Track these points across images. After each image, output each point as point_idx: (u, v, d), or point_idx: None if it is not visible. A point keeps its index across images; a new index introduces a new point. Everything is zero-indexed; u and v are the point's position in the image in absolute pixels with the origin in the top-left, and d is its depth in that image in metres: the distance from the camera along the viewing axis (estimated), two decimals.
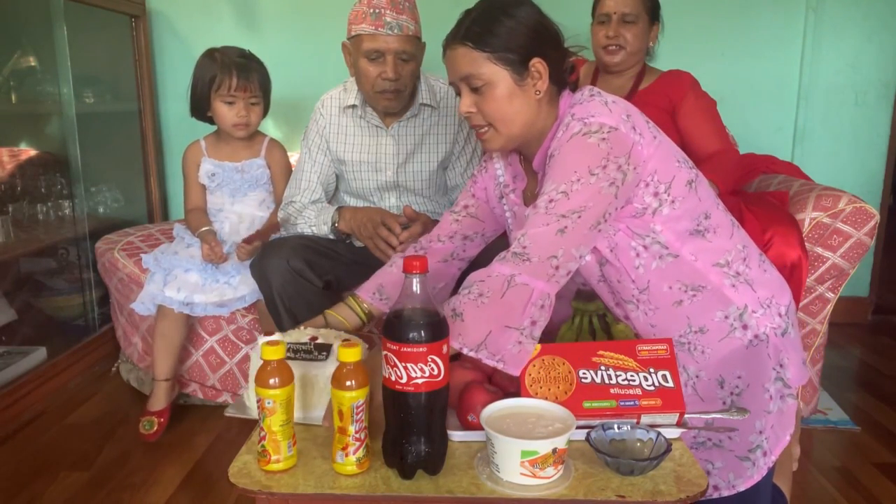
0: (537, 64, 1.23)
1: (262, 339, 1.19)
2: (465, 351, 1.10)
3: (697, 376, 1.29)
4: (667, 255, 1.25)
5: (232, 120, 2.02)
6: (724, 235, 1.29)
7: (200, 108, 2.05)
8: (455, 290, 1.57)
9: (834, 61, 2.85)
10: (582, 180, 1.16)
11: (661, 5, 2.09)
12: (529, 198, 1.39)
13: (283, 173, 2.13)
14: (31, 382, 2.23)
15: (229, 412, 1.21)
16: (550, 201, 1.17)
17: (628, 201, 1.22)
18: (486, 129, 1.28)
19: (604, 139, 1.18)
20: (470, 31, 1.24)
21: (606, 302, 1.35)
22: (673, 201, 1.24)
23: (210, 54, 2.02)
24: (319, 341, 1.24)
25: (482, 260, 1.39)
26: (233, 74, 1.98)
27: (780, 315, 1.29)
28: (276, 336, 1.25)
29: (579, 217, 1.15)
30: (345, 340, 1.23)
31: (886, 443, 2.02)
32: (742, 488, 1.28)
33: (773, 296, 1.30)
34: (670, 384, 1.11)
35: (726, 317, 1.27)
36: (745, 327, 1.27)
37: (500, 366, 1.10)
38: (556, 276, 1.15)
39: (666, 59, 2.17)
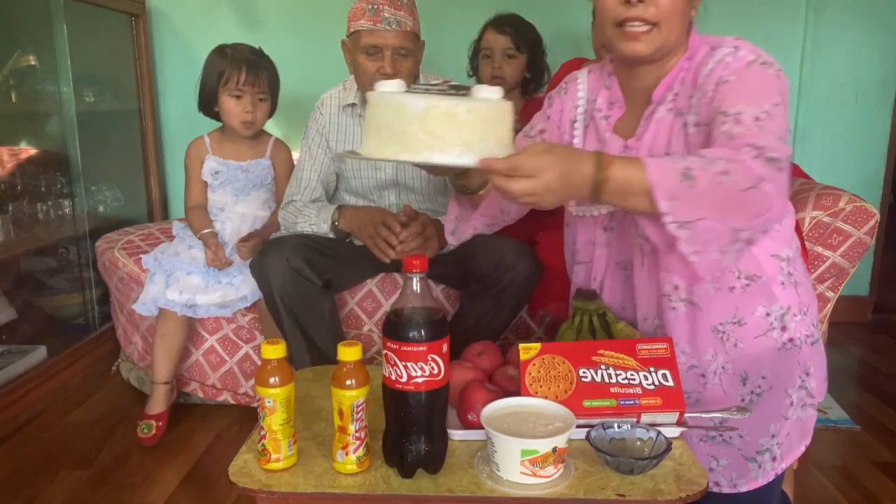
0: None
1: None
2: (666, 220, 0.98)
3: (723, 368, 1.25)
4: None
5: (238, 116, 2.02)
6: (788, 228, 1.26)
7: (208, 102, 2.05)
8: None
9: (834, 60, 2.85)
10: (778, 107, 1.10)
11: None
12: (624, 128, 1.30)
13: (287, 174, 2.13)
14: (31, 381, 2.23)
15: None
16: (757, 119, 1.07)
17: None
18: (648, 28, 1.16)
19: (778, 76, 1.14)
20: None
21: (667, 266, 1.23)
22: None
23: (221, 50, 2.03)
24: (454, 82, 1.12)
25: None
26: (241, 69, 1.98)
27: (813, 325, 1.27)
28: (395, 82, 1.08)
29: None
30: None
31: (887, 442, 2.02)
32: (744, 489, 1.26)
33: (811, 304, 1.28)
34: (670, 383, 1.11)
35: (768, 314, 1.23)
36: (783, 328, 1.24)
37: (692, 258, 1.01)
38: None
39: None
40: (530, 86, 2.24)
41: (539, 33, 2.21)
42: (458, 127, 0.99)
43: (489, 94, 1.05)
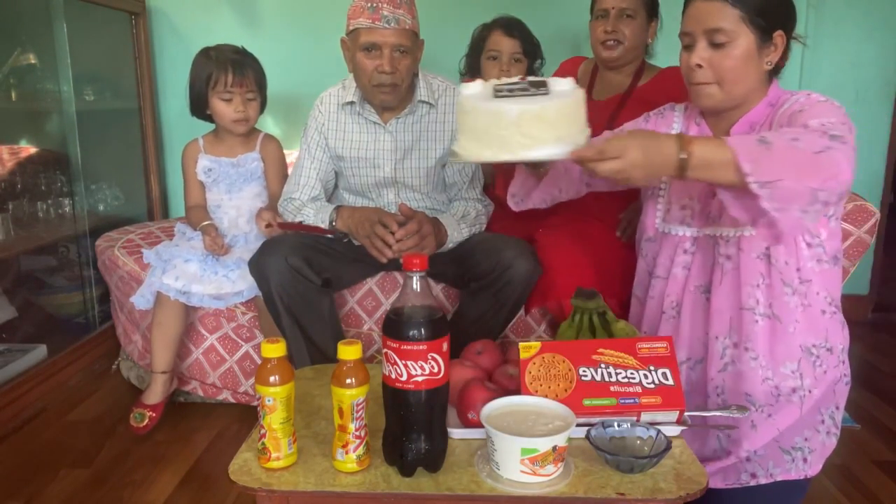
0: (778, 38, 1.30)
1: None
2: (749, 179, 1.06)
3: (810, 391, 1.32)
4: (824, 261, 1.30)
5: (231, 116, 2.04)
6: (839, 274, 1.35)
7: (199, 106, 2.07)
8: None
9: (834, 59, 2.85)
10: (844, 125, 1.17)
11: (659, 1, 2.08)
12: None
13: (276, 167, 2.15)
14: (31, 380, 2.23)
15: None
16: (822, 124, 1.16)
17: None
18: (710, 85, 1.31)
19: (846, 114, 1.22)
20: None
21: (751, 280, 1.32)
22: (836, 216, 1.30)
23: (205, 53, 2.06)
24: (531, 78, 1.22)
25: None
26: (228, 71, 2.01)
27: (843, 363, 1.37)
28: (477, 83, 1.23)
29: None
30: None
31: (887, 441, 2.02)
32: (780, 478, 1.33)
33: (844, 347, 1.36)
34: (670, 382, 1.11)
35: (843, 349, 1.34)
36: (843, 363, 1.35)
37: (775, 214, 1.08)
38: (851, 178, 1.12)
39: (664, 56, 2.16)
40: None
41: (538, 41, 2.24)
42: (549, 125, 1.13)
43: (565, 87, 1.18)
